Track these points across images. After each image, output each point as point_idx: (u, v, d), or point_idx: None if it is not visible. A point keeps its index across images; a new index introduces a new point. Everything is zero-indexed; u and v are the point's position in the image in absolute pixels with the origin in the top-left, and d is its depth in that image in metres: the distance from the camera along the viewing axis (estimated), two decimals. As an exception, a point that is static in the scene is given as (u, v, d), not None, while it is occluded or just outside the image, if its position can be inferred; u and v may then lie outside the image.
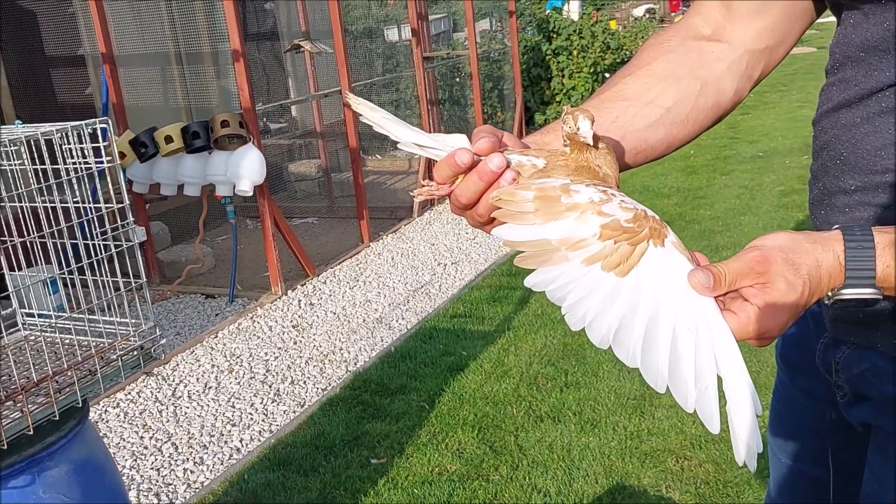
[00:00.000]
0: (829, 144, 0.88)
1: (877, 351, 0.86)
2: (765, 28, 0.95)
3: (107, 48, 4.57)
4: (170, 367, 3.79)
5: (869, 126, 0.82)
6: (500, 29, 9.34)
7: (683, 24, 1.00)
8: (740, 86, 0.97)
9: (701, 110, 0.95)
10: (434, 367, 3.50)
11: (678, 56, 0.95)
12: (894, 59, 0.80)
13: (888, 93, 0.81)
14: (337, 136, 6.51)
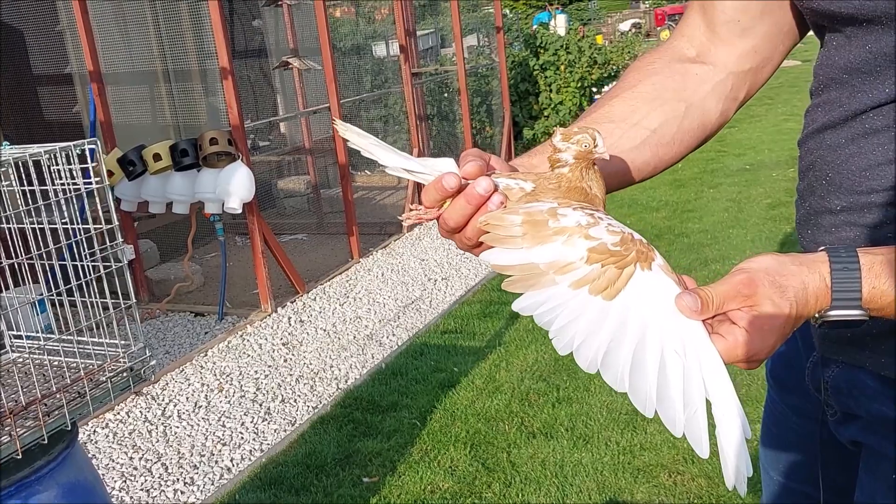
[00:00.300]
0: (815, 165, 0.88)
1: (865, 370, 0.87)
2: (749, 50, 0.95)
3: (94, 66, 4.57)
4: (159, 386, 3.76)
5: (854, 147, 0.83)
6: (487, 44, 9.39)
7: (668, 46, 1.00)
8: (725, 107, 0.98)
9: (686, 132, 0.96)
10: (425, 384, 3.49)
11: (663, 78, 0.96)
12: (876, 80, 0.80)
13: (872, 114, 0.81)
14: (326, 153, 6.52)
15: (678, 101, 0.95)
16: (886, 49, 0.78)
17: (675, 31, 1.02)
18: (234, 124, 4.35)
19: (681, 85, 0.95)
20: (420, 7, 9.11)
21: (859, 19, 0.79)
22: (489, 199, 0.76)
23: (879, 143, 0.80)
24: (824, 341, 0.91)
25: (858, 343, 0.86)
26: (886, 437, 0.86)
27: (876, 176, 0.81)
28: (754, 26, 0.94)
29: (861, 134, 0.82)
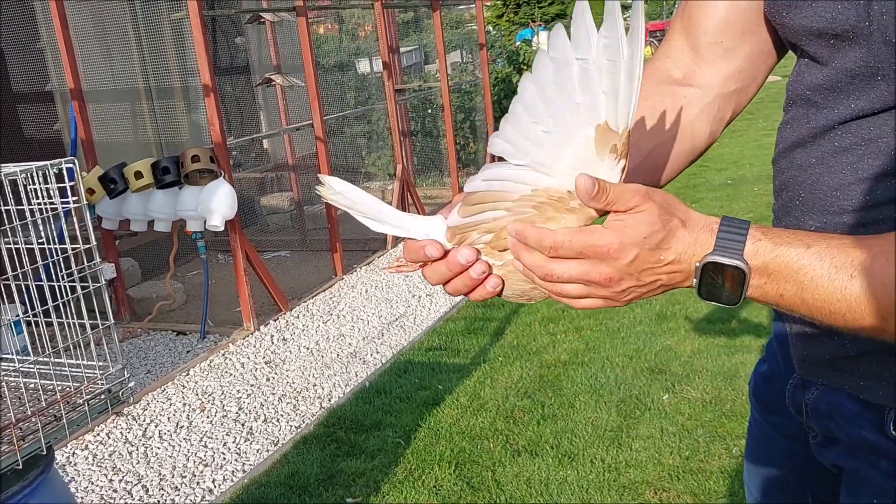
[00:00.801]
0: (788, 185, 0.88)
1: (845, 392, 0.86)
2: (734, 70, 0.96)
3: (75, 84, 4.54)
4: (140, 406, 3.71)
5: (823, 166, 0.82)
6: (470, 60, 9.43)
7: (654, 67, 1.01)
8: (713, 128, 0.98)
9: (678, 155, 0.96)
10: (409, 402, 3.47)
11: (654, 103, 0.96)
12: (840, 96, 0.80)
13: (839, 131, 0.81)
14: (309, 169, 6.50)
15: (669, 124, 0.96)
16: (849, 65, 0.78)
17: (659, 51, 1.02)
18: (216, 141, 4.33)
19: (671, 109, 0.96)
20: (403, 24, 9.14)
21: (825, 34, 0.80)
22: (470, 268, 0.77)
23: (848, 162, 0.80)
24: (804, 363, 0.91)
25: (837, 365, 0.86)
26: (867, 461, 0.85)
27: (846, 196, 0.80)
28: (737, 47, 0.95)
29: (829, 153, 0.82)
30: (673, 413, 3.14)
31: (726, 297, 0.72)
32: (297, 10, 5.08)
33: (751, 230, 0.71)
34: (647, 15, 31.87)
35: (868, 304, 0.67)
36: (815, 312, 0.71)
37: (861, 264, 0.68)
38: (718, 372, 3.43)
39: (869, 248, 0.68)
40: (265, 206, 6.72)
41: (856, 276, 0.67)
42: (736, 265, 0.70)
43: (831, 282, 0.68)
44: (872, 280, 0.67)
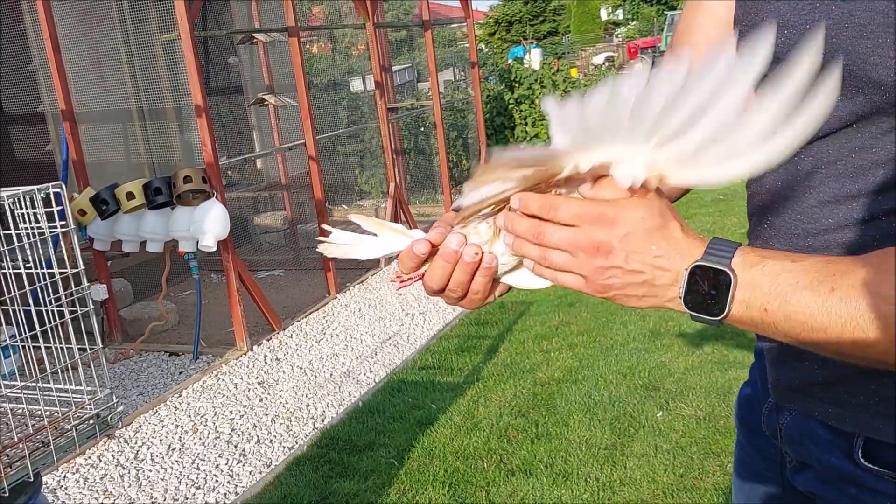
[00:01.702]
0: (758, 209, 0.90)
1: (816, 419, 0.86)
2: None
3: (67, 105, 4.54)
4: (132, 428, 3.69)
5: (788, 190, 0.84)
6: (463, 79, 9.47)
7: None
8: None
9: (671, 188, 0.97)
10: (403, 422, 3.45)
11: None
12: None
13: (802, 155, 0.82)
14: (302, 188, 6.50)
15: None
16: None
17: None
18: (208, 162, 4.33)
19: None
20: (396, 42, 9.19)
21: (784, 59, 0.81)
22: (464, 253, 0.78)
23: (812, 185, 0.81)
24: (776, 388, 0.91)
25: (807, 391, 0.86)
26: (837, 487, 0.85)
27: (810, 219, 0.82)
28: None
29: (794, 176, 0.83)
30: (667, 430, 3.13)
31: (711, 306, 0.71)
32: (289, 31, 5.10)
33: (740, 246, 0.72)
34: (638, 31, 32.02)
35: (850, 318, 0.66)
36: (797, 328, 0.69)
37: (845, 277, 0.67)
38: (712, 388, 3.42)
39: (854, 261, 0.68)
40: (258, 226, 6.71)
41: (837, 288, 0.67)
42: (723, 269, 0.70)
43: (814, 293, 0.68)
44: (856, 292, 0.66)
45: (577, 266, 0.74)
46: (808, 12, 0.78)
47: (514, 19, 33.62)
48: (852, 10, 0.73)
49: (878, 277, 0.66)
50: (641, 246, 0.72)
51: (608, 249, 0.72)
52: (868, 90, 0.74)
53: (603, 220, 0.72)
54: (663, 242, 0.72)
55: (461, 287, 0.80)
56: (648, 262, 0.72)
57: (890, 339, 0.65)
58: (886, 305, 0.65)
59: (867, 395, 0.80)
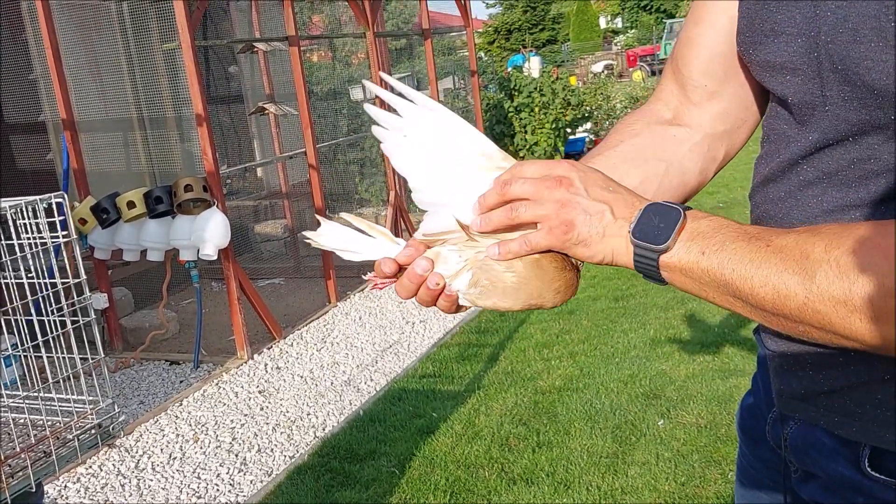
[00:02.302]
0: (762, 219, 0.90)
1: (821, 428, 0.86)
2: (721, 112, 0.99)
3: (68, 114, 4.55)
4: (133, 437, 3.68)
5: (792, 200, 0.85)
6: (463, 87, 9.49)
7: (648, 109, 1.04)
8: (704, 166, 1.01)
9: (666, 190, 0.98)
10: (404, 431, 3.45)
11: (643, 139, 0.99)
12: (803, 129, 0.83)
13: (804, 165, 0.83)
14: (302, 196, 6.51)
15: (658, 161, 0.98)
16: (807, 98, 0.81)
17: (654, 94, 1.06)
18: (209, 170, 4.34)
19: (660, 145, 0.99)
20: (396, 51, 9.21)
21: (785, 68, 0.83)
22: (427, 280, 0.83)
23: (813, 195, 0.82)
24: (781, 397, 0.91)
25: (812, 400, 0.86)
26: (843, 497, 0.85)
27: None
28: (721, 90, 0.98)
29: (797, 186, 0.84)
30: (668, 438, 3.13)
31: (657, 237, 0.75)
32: (289, 40, 5.12)
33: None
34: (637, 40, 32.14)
35: (776, 272, 0.69)
36: (727, 276, 0.72)
37: (782, 236, 0.71)
38: (713, 396, 3.42)
39: (800, 230, 0.72)
40: (259, 234, 6.72)
41: (772, 245, 0.71)
42: (675, 207, 0.76)
43: (749, 244, 0.72)
44: (788, 250, 0.70)
45: (540, 207, 0.78)
46: (809, 19, 0.78)
47: (514, 28, 33.71)
48: (846, 16, 0.74)
49: (815, 241, 0.69)
50: (602, 184, 0.79)
51: (569, 182, 0.78)
52: (863, 96, 0.75)
53: (560, 164, 0.80)
54: (619, 186, 0.80)
55: (427, 303, 0.85)
56: (608, 197, 0.78)
57: (807, 298, 0.68)
58: (815, 266, 0.67)
59: (873, 405, 0.80)
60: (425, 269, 0.83)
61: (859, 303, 0.65)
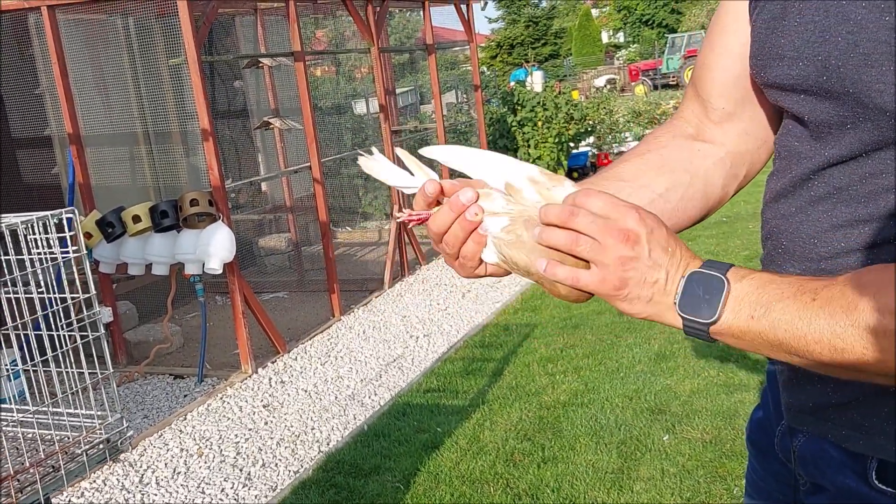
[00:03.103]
0: (772, 234, 0.92)
1: (829, 441, 0.87)
2: (741, 132, 1.01)
3: (74, 129, 4.58)
4: (137, 452, 3.68)
5: (803, 215, 0.86)
6: (466, 101, 9.53)
7: (672, 125, 1.07)
8: (726, 182, 1.03)
9: (689, 200, 1.00)
10: (408, 446, 3.44)
11: (670, 150, 1.01)
12: (815, 145, 0.85)
13: (815, 181, 0.85)
14: (307, 210, 6.53)
15: (683, 172, 1.00)
16: (821, 117, 0.83)
17: (677, 111, 1.09)
18: (214, 185, 4.36)
19: (686, 157, 1.01)
20: (399, 65, 9.26)
21: (796, 89, 0.85)
22: (468, 210, 0.81)
23: (823, 210, 0.84)
24: (790, 410, 0.92)
25: (821, 414, 0.87)
26: None
27: (823, 242, 0.84)
28: (739, 111, 1.00)
29: (807, 202, 0.86)
30: (673, 454, 3.12)
31: (704, 309, 0.76)
32: (294, 56, 5.15)
33: (733, 265, 0.78)
34: (639, 54, 32.28)
35: (827, 325, 0.70)
36: (781, 336, 0.73)
37: (826, 289, 0.72)
38: (718, 411, 3.41)
39: (838, 278, 0.72)
40: (263, 248, 6.73)
41: (818, 298, 0.71)
42: (717, 275, 0.76)
43: (796, 301, 0.73)
44: (835, 302, 0.70)
45: (602, 253, 0.76)
46: (817, 44, 0.80)
47: (516, 42, 33.85)
48: (857, 41, 0.76)
49: (860, 291, 0.69)
50: (664, 244, 0.77)
51: (636, 239, 0.76)
52: (875, 117, 0.77)
53: (630, 214, 0.77)
54: (676, 247, 0.78)
55: (455, 243, 0.83)
56: (666, 262, 0.77)
57: (865, 349, 0.69)
58: (876, 316, 0.68)
59: (881, 418, 0.81)
60: (470, 199, 0.81)
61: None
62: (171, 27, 4.65)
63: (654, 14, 35.49)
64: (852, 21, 0.76)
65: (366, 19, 5.94)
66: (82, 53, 5.21)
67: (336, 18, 7.20)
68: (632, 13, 36.64)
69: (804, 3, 0.82)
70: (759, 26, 0.89)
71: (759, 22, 0.89)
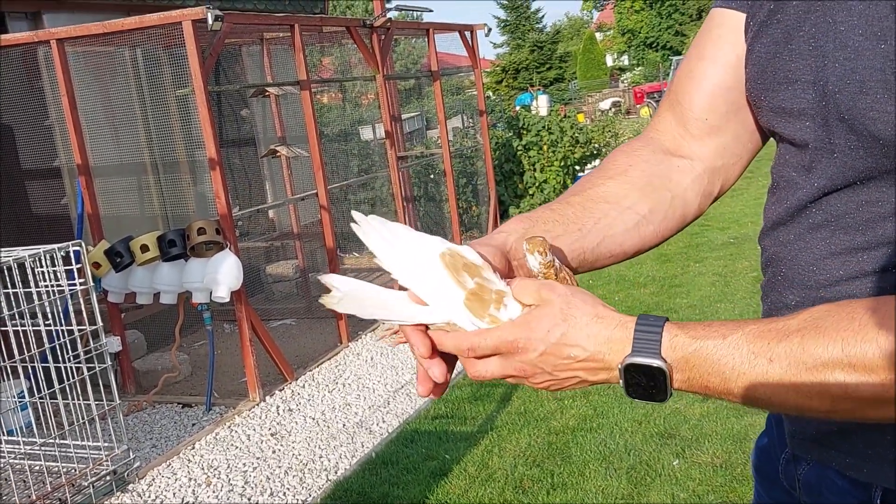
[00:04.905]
0: (772, 261, 0.92)
1: (833, 469, 0.87)
2: (719, 147, 1.00)
3: (82, 159, 4.62)
4: (145, 482, 3.67)
5: (801, 243, 0.87)
6: (471, 125, 9.57)
7: (649, 139, 1.05)
8: (702, 200, 1.02)
9: (670, 220, 1.00)
10: (416, 473, 3.42)
11: (651, 167, 1.00)
12: (811, 174, 0.85)
13: (813, 208, 0.85)
14: (314, 237, 6.55)
15: (665, 191, 0.99)
16: (815, 144, 0.83)
17: (650, 125, 1.07)
18: (222, 213, 4.38)
19: (666, 175, 1.00)
20: (405, 91, 9.32)
21: (794, 113, 0.85)
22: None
23: (821, 238, 0.84)
24: (793, 438, 0.92)
25: (824, 441, 0.87)
26: None
27: (822, 270, 0.84)
28: (722, 125, 0.99)
29: (806, 229, 0.86)
30: (684, 479, 3.10)
31: (655, 395, 0.75)
32: (300, 85, 5.19)
33: (666, 327, 0.75)
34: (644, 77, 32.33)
35: (789, 386, 0.70)
36: (744, 401, 0.73)
37: (781, 343, 0.71)
38: (728, 435, 3.39)
39: (786, 331, 0.71)
40: (270, 275, 6.75)
41: (774, 359, 0.71)
42: (656, 365, 0.74)
43: (752, 368, 0.71)
44: (790, 361, 0.70)
45: (516, 380, 0.80)
46: (818, 69, 0.81)
47: (521, 67, 34.04)
48: (854, 68, 0.76)
49: (816, 340, 0.69)
50: (561, 357, 0.77)
51: (532, 372, 0.78)
52: (868, 145, 0.77)
53: (517, 349, 0.77)
54: (579, 345, 0.76)
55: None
56: (577, 367, 0.77)
57: (832, 398, 0.69)
58: (826, 372, 0.68)
59: (884, 446, 0.81)
60: (438, 375, 0.85)
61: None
62: (179, 58, 4.71)
63: (658, 37, 35.69)
64: (850, 48, 0.77)
65: (371, 47, 6.00)
66: (91, 85, 5.28)
67: (342, 46, 7.27)
68: (636, 36, 36.86)
69: (808, 28, 0.82)
70: (760, 49, 0.89)
71: (759, 45, 0.89)
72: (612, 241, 0.96)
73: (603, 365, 0.76)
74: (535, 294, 0.78)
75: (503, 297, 0.79)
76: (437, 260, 0.80)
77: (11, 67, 5.07)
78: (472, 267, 0.80)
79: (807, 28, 0.82)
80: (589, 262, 0.95)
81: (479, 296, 0.79)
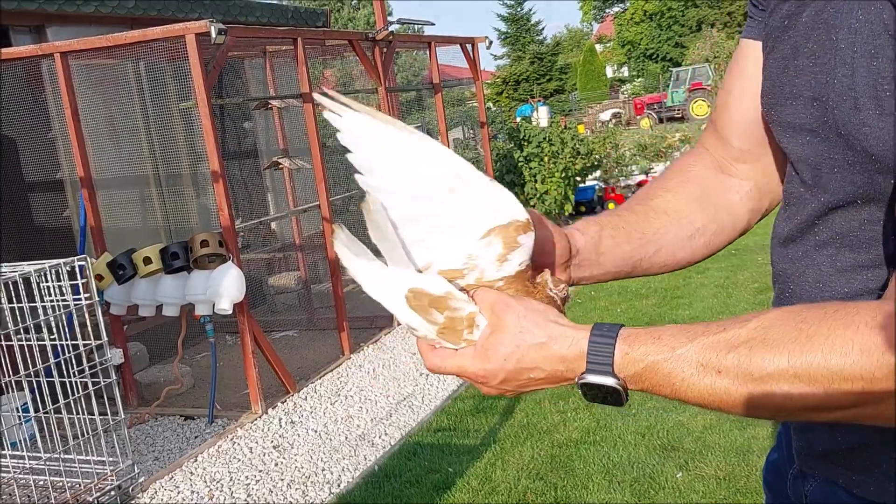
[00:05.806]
0: (780, 277, 0.94)
1: (840, 486, 0.87)
2: (764, 167, 1.03)
3: (85, 172, 4.63)
4: (148, 495, 3.66)
5: (808, 259, 0.88)
6: (472, 136, 9.59)
7: (700, 155, 1.09)
8: (751, 216, 1.07)
9: (719, 234, 1.05)
10: (419, 487, 3.42)
11: (705, 182, 1.05)
12: (818, 190, 0.86)
13: (819, 226, 0.86)
14: (316, 248, 6.55)
15: (718, 207, 1.04)
16: (819, 160, 0.84)
17: (701, 139, 1.12)
18: (224, 226, 4.39)
19: (720, 191, 1.05)
20: (406, 102, 9.34)
21: (802, 129, 0.86)
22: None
23: (829, 255, 0.85)
24: (801, 454, 0.93)
25: (831, 458, 0.87)
26: None
27: (827, 287, 0.85)
28: (760, 151, 1.03)
29: (812, 247, 0.87)
30: (687, 491, 3.09)
31: (613, 403, 0.79)
32: (303, 97, 5.21)
33: (618, 343, 0.78)
34: (644, 88, 32.51)
35: (736, 395, 0.73)
36: (699, 406, 0.77)
37: (726, 358, 0.73)
38: (731, 448, 3.38)
39: (735, 342, 0.73)
40: (273, 286, 6.75)
41: (723, 370, 0.73)
42: (609, 384, 0.78)
43: (700, 380, 0.74)
44: (738, 373, 0.73)
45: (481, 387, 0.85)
46: (823, 85, 0.82)
47: (522, 78, 34.16)
48: (852, 84, 0.78)
49: (764, 354, 0.71)
50: (521, 380, 0.81)
51: (500, 391, 0.83)
52: (863, 161, 0.78)
53: (477, 380, 0.83)
54: (537, 367, 0.80)
55: None
56: (539, 383, 0.82)
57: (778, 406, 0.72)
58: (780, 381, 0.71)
59: (891, 463, 0.81)
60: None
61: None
62: (182, 71, 4.73)
63: (658, 48, 35.81)
64: (848, 64, 0.78)
65: (373, 60, 6.02)
66: (94, 98, 5.30)
67: (344, 59, 7.29)
68: (636, 48, 36.98)
69: (812, 45, 0.84)
70: (771, 65, 0.91)
71: (771, 60, 0.91)
72: (667, 251, 1.02)
73: (562, 378, 0.80)
74: (490, 315, 0.82)
75: (475, 318, 0.82)
76: (402, 303, 0.83)
77: (15, 81, 5.09)
78: (439, 300, 0.82)
79: (811, 45, 0.83)
80: (643, 268, 1.01)
81: (451, 328, 0.82)
